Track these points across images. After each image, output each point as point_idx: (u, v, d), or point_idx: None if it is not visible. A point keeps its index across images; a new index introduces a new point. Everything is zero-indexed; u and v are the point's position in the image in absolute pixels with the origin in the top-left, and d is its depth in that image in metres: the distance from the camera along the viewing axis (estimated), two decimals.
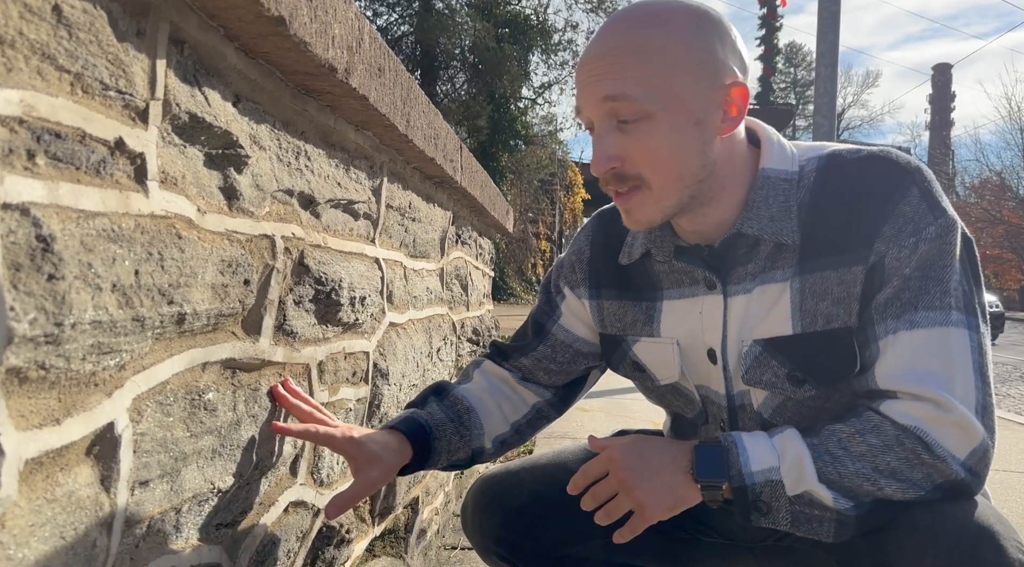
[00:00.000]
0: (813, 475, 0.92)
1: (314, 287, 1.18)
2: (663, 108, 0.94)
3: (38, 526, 0.61)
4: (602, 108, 0.97)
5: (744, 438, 0.96)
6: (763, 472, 0.93)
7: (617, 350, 1.23)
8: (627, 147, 0.96)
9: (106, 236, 0.69)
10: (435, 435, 1.17)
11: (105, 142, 0.70)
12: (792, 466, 0.93)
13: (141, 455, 0.76)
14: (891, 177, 0.99)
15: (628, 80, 0.94)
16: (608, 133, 0.97)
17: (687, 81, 0.95)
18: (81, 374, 0.67)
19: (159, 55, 0.77)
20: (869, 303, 0.98)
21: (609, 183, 1.00)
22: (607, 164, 0.97)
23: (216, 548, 0.96)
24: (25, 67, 0.60)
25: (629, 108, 0.95)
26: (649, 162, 0.97)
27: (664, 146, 0.96)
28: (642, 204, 1.00)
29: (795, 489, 0.93)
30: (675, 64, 0.95)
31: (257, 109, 1.01)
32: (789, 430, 0.96)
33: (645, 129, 0.95)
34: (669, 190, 0.98)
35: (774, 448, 0.94)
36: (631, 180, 0.98)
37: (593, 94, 0.97)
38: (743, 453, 0.94)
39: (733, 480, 0.93)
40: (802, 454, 0.93)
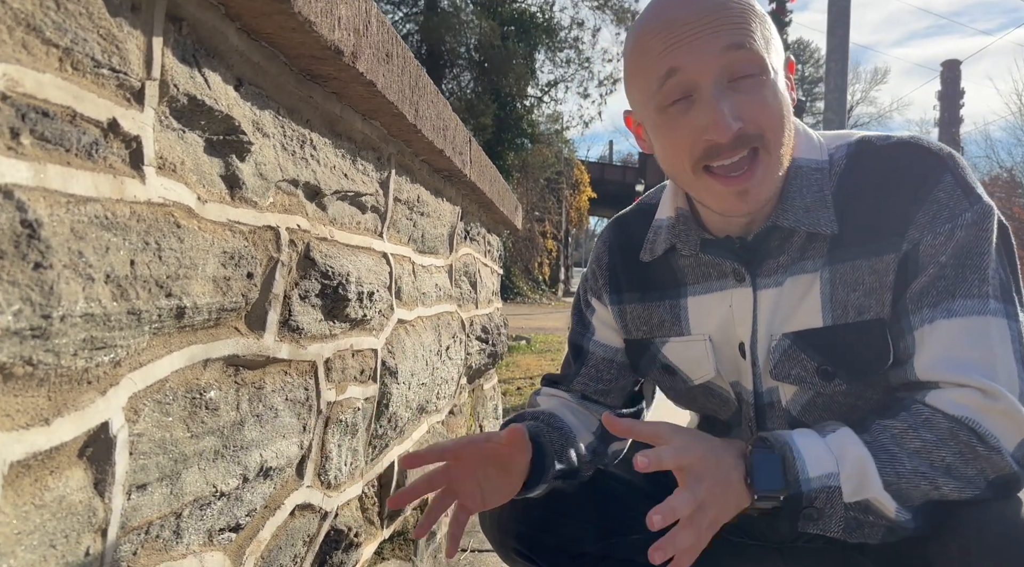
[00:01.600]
0: (878, 482, 0.86)
1: (321, 281, 1.13)
2: (772, 68, 0.91)
3: (25, 534, 0.57)
4: (721, 61, 0.88)
5: (796, 439, 0.89)
6: (820, 478, 0.87)
7: (645, 354, 1.18)
8: (746, 106, 0.88)
9: (98, 223, 0.65)
10: (536, 431, 1.11)
11: (97, 123, 0.66)
12: (853, 472, 0.87)
13: (138, 457, 0.72)
14: (924, 163, 0.95)
15: (750, 32, 0.89)
16: (723, 93, 0.88)
17: (776, 48, 0.93)
18: (72, 370, 0.63)
19: (155, 32, 0.73)
20: (903, 293, 0.94)
21: (722, 152, 0.89)
22: (735, 124, 0.87)
23: (219, 554, 0.91)
24: (8, 39, 0.56)
25: (753, 59, 0.88)
26: (770, 119, 0.90)
27: (780, 104, 0.91)
28: (765, 174, 0.92)
29: (854, 496, 0.87)
30: (768, 29, 0.92)
31: (260, 94, 0.97)
32: (842, 429, 0.91)
33: (761, 85, 0.89)
34: (783, 152, 0.93)
35: (830, 451, 0.88)
36: (752, 140, 0.90)
37: (711, 45, 0.87)
38: (799, 458, 0.88)
39: (789, 487, 0.87)
40: (864, 458, 0.87)
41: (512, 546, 1.18)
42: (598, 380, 1.23)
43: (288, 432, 1.05)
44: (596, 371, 1.22)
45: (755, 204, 0.93)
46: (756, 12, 0.92)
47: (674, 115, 0.92)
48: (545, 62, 18.81)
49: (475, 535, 2.55)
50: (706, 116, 0.88)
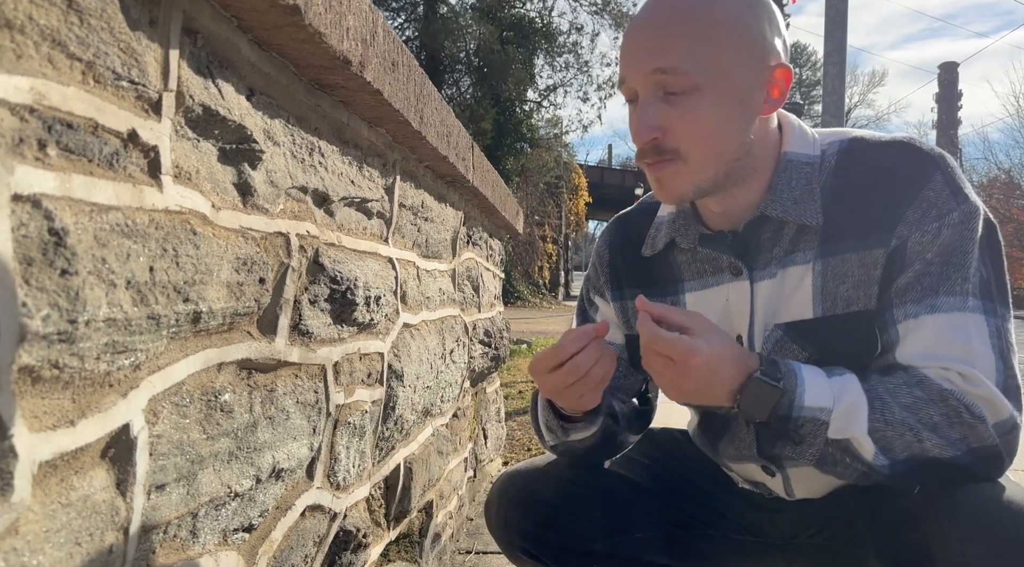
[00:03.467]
0: (864, 426, 0.90)
1: (329, 286, 1.15)
2: (712, 82, 0.94)
3: (52, 532, 0.59)
4: (650, 79, 0.95)
5: (804, 371, 0.93)
6: (812, 409, 0.90)
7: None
8: (671, 118, 0.95)
9: (120, 231, 0.67)
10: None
11: (118, 134, 0.68)
12: (844, 411, 0.90)
13: (157, 458, 0.74)
14: (915, 162, 0.98)
15: (680, 52, 0.93)
16: (652, 103, 0.96)
17: (736, 58, 0.95)
18: (95, 374, 0.65)
19: (172, 45, 0.75)
20: (889, 287, 0.97)
21: (646, 155, 0.99)
22: (649, 134, 0.96)
23: (233, 554, 0.93)
24: (35, 54, 0.58)
25: (679, 81, 0.94)
26: (690, 135, 0.95)
27: (708, 120, 0.95)
28: (674, 176, 0.98)
29: (837, 434, 0.91)
30: (727, 39, 0.95)
31: (271, 103, 0.99)
32: (848, 374, 0.94)
33: (691, 102, 0.94)
34: (706, 165, 0.97)
35: (831, 389, 0.92)
36: (668, 153, 0.97)
37: (642, 65, 0.96)
38: (800, 386, 0.91)
39: (780, 407, 0.91)
40: (859, 402, 0.91)
41: (519, 545, 1.20)
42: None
43: (299, 434, 1.07)
44: None
45: (670, 196, 1.01)
46: (708, 25, 0.94)
47: (630, 112, 1.02)
48: (544, 67, 18.89)
49: (479, 537, 2.57)
50: (635, 122, 0.98)
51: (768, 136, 1.04)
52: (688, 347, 0.89)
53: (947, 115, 33.84)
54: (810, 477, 1.13)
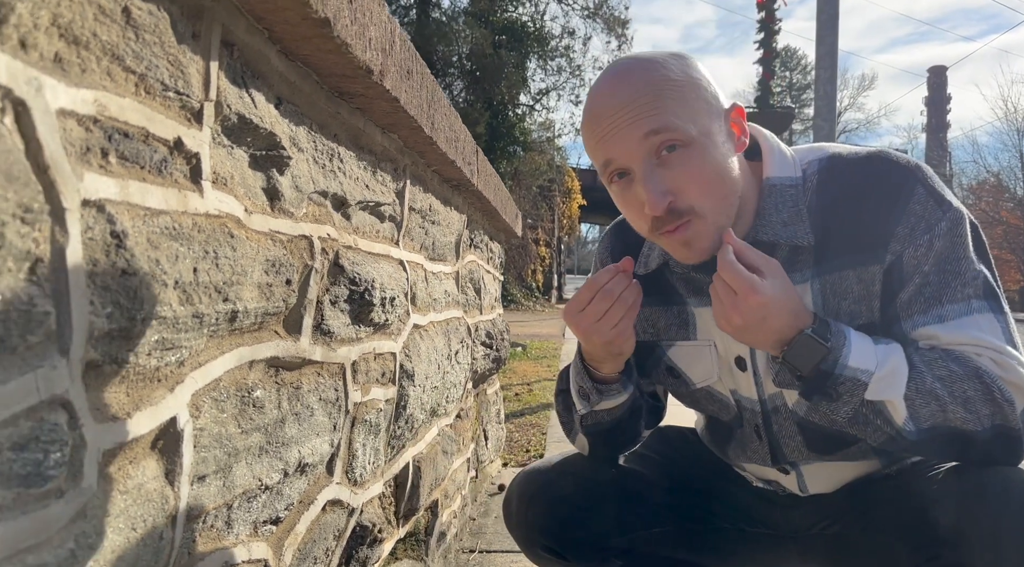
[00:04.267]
0: (901, 391, 0.94)
1: (349, 287, 1.19)
2: (696, 134, 0.97)
3: (113, 517, 0.62)
4: (643, 147, 0.97)
5: (852, 334, 0.97)
6: (854, 369, 0.94)
7: (651, 356, 1.24)
8: (675, 180, 0.97)
9: (168, 234, 0.70)
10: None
11: (166, 142, 0.72)
12: (885, 375, 0.94)
13: (200, 450, 0.78)
14: (895, 177, 1.02)
15: (662, 113, 0.96)
16: (652, 171, 0.97)
17: (703, 109, 0.99)
18: (147, 369, 0.68)
19: (212, 57, 0.79)
20: (892, 301, 1.01)
21: (664, 223, 0.99)
22: (664, 200, 0.96)
23: (263, 545, 0.97)
24: (97, 68, 0.62)
25: (672, 137, 0.96)
26: (699, 188, 0.98)
27: (707, 169, 0.98)
28: (700, 233, 1.00)
29: (875, 396, 0.94)
30: (691, 96, 0.98)
31: (296, 111, 1.03)
32: (894, 344, 0.98)
33: (687, 157, 0.97)
34: (720, 213, 1.00)
35: (875, 354, 0.96)
36: (685, 214, 0.99)
37: (631, 135, 0.97)
38: (847, 346, 0.95)
39: (825, 363, 0.94)
40: (900, 370, 0.95)
41: (540, 543, 1.23)
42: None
43: (321, 430, 1.11)
44: None
45: (701, 253, 1.02)
46: (673, 86, 0.98)
47: (619, 190, 1.03)
48: (537, 70, 18.95)
49: (482, 536, 2.60)
50: (642, 195, 0.99)
51: (744, 167, 1.07)
52: (751, 285, 0.93)
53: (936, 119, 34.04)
54: (824, 473, 1.17)
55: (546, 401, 5.57)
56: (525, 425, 4.70)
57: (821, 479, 1.18)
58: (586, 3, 18.88)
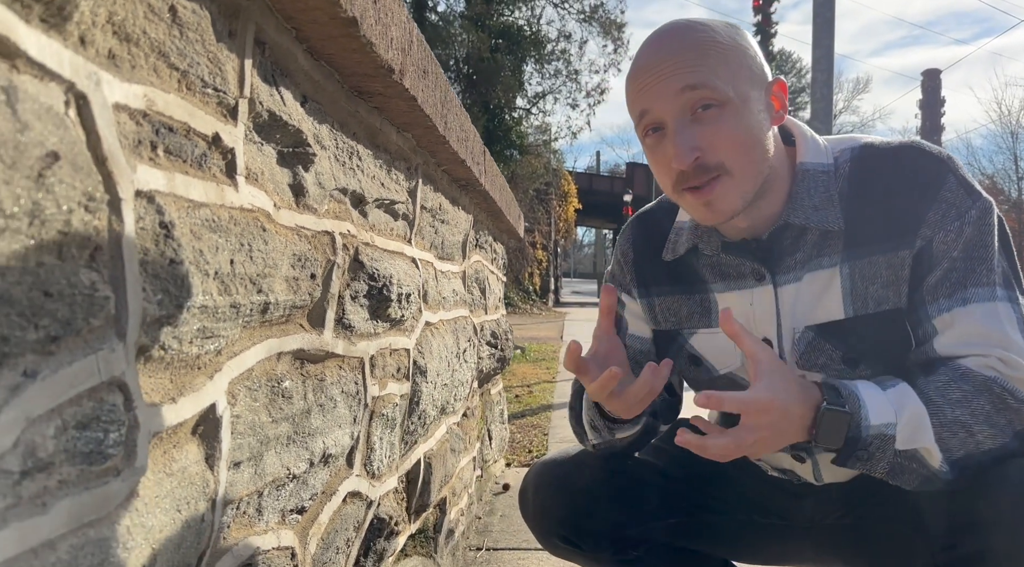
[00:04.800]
0: (930, 435, 0.95)
1: (368, 283, 1.21)
2: (734, 96, 0.99)
3: (160, 498, 0.65)
4: (679, 101, 0.99)
5: (861, 390, 0.98)
6: (879, 427, 0.95)
7: (672, 344, 1.26)
8: (707, 136, 1.00)
9: (208, 226, 0.73)
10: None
11: (205, 137, 0.74)
12: (908, 422, 0.96)
13: (236, 437, 0.80)
14: (928, 166, 1.05)
15: (703, 70, 0.99)
16: (686, 126, 1.00)
17: (745, 76, 1.01)
18: (189, 356, 0.71)
19: (247, 55, 0.81)
20: (919, 285, 1.03)
21: (689, 178, 1.02)
22: (692, 154, 0.99)
23: (290, 533, 0.99)
24: (145, 64, 0.64)
25: (708, 95, 0.98)
26: (730, 147, 1.00)
27: (741, 130, 1.00)
28: (725, 193, 1.02)
29: (906, 445, 0.96)
30: (735, 60, 1.01)
31: (320, 110, 1.05)
32: (902, 384, 0.99)
33: (721, 116, 0.99)
34: (749, 175, 1.02)
35: (890, 402, 0.97)
36: (713, 170, 1.01)
37: (669, 88, 0.99)
38: (863, 407, 0.96)
39: (849, 431, 0.95)
40: (920, 412, 0.96)
41: (556, 532, 1.25)
42: (640, 368, 1.29)
43: (343, 422, 1.13)
44: (636, 362, 1.29)
45: (722, 214, 1.04)
46: (718, 48, 1.00)
47: (652, 144, 1.05)
48: (533, 74, 19.00)
49: (489, 534, 2.62)
50: (671, 148, 1.01)
51: (778, 148, 1.09)
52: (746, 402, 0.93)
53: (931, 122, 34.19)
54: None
55: (546, 402, 5.60)
56: (526, 426, 4.72)
57: (836, 468, 1.20)
58: (582, 7, 18.96)
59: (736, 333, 0.97)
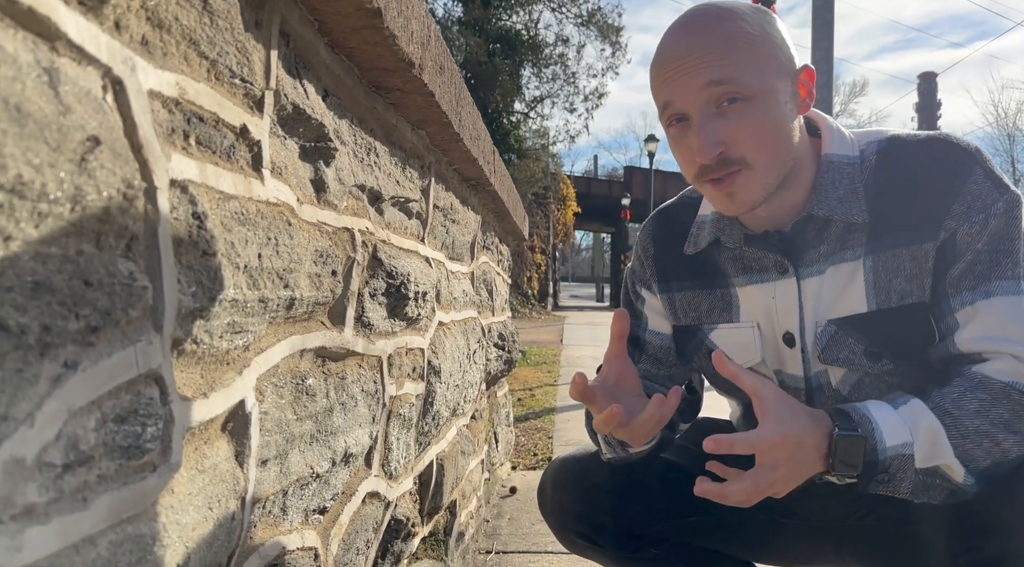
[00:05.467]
0: (949, 450, 0.94)
1: (386, 280, 1.20)
2: (759, 89, 0.98)
3: (193, 495, 0.63)
4: (703, 95, 0.98)
5: (874, 412, 0.97)
6: (895, 447, 0.95)
7: (692, 340, 1.25)
8: (730, 131, 0.99)
9: (237, 219, 0.71)
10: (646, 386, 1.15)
11: (233, 129, 0.73)
12: (925, 440, 0.95)
13: (264, 434, 0.78)
14: (955, 157, 1.04)
15: (728, 64, 0.97)
16: (710, 120, 0.99)
17: (772, 66, 1.00)
18: (219, 351, 0.69)
19: (272, 46, 0.80)
20: (943, 277, 1.02)
21: (711, 171, 1.01)
22: (715, 149, 0.98)
23: (312, 533, 0.98)
24: (176, 52, 0.63)
25: (732, 90, 0.97)
26: (753, 142, 0.99)
27: (765, 125, 0.99)
28: (746, 185, 1.01)
29: (926, 463, 0.95)
30: (761, 50, 0.99)
31: (340, 104, 1.04)
32: (913, 400, 0.98)
33: (746, 110, 0.98)
34: (771, 169, 1.01)
35: (904, 421, 0.96)
36: (735, 164, 1.00)
37: (693, 82, 0.98)
38: (877, 429, 0.95)
39: (867, 455, 0.94)
40: (936, 428, 0.94)
41: (574, 528, 1.24)
42: (661, 364, 1.28)
43: (363, 422, 1.12)
44: (656, 358, 1.29)
45: (743, 206, 1.03)
46: (746, 39, 0.99)
47: (676, 135, 1.04)
48: (531, 78, 19.02)
49: (498, 537, 2.61)
50: (694, 142, 1.00)
51: (803, 139, 1.08)
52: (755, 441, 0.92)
53: (927, 124, 34.23)
54: None
55: (549, 405, 5.58)
56: (530, 429, 4.71)
57: None
58: (580, 11, 18.99)
59: (734, 374, 0.95)
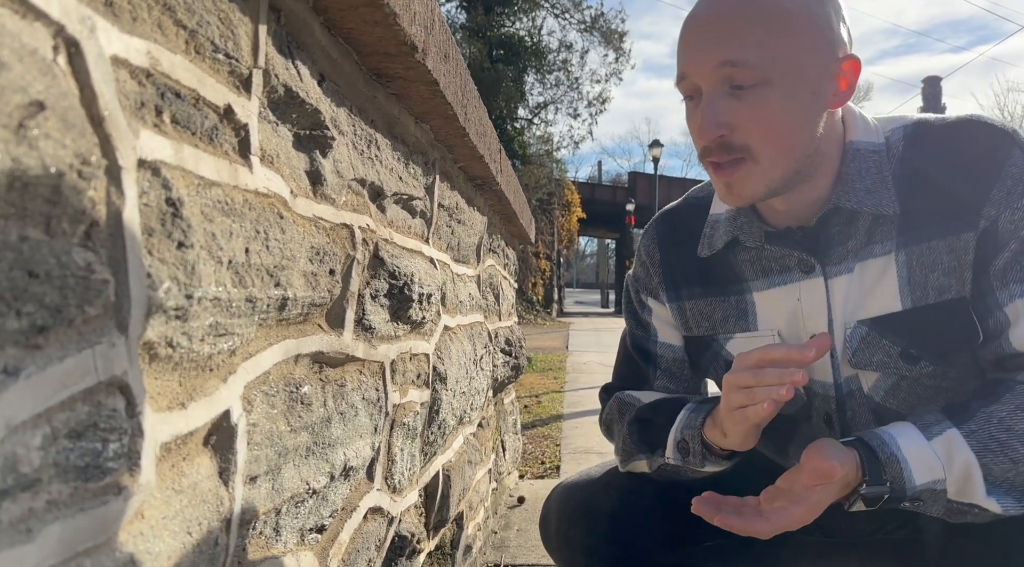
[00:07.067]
0: (982, 489, 0.87)
1: (388, 281, 1.13)
2: (782, 75, 0.89)
3: (169, 519, 0.56)
4: (717, 73, 0.90)
5: (902, 445, 0.90)
6: (926, 484, 0.88)
7: (707, 351, 1.15)
8: (739, 114, 0.90)
9: (220, 208, 0.64)
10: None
11: (216, 108, 0.65)
12: (959, 477, 0.88)
13: (252, 448, 0.71)
14: (990, 140, 0.95)
15: (750, 44, 0.88)
16: (720, 98, 0.91)
17: (807, 49, 0.90)
18: (200, 356, 0.62)
19: (261, 20, 0.73)
20: (986, 269, 0.94)
21: (712, 153, 0.93)
22: (716, 131, 0.91)
23: (310, 554, 0.90)
24: (147, 18, 0.55)
25: (748, 74, 0.89)
26: (761, 132, 0.91)
27: (779, 115, 0.90)
28: (746, 178, 0.93)
29: (959, 497, 0.88)
30: (797, 30, 0.90)
31: (337, 91, 0.96)
32: (949, 431, 0.90)
33: (761, 96, 0.89)
34: (777, 163, 0.92)
35: (936, 456, 0.89)
36: (737, 151, 0.92)
37: (708, 58, 0.90)
38: (905, 467, 0.88)
39: (894, 492, 0.88)
40: (970, 463, 0.87)
41: (583, 563, 1.14)
42: (677, 379, 1.19)
43: (364, 432, 1.04)
44: (671, 372, 1.19)
45: (739, 199, 0.96)
46: (780, 17, 0.89)
47: (689, 108, 0.97)
48: (535, 84, 19.01)
49: (506, 549, 2.53)
50: (698, 119, 0.93)
51: (834, 129, 0.99)
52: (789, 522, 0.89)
53: None
54: None
55: (556, 412, 5.50)
56: (537, 437, 4.63)
57: None
58: (583, 17, 18.96)
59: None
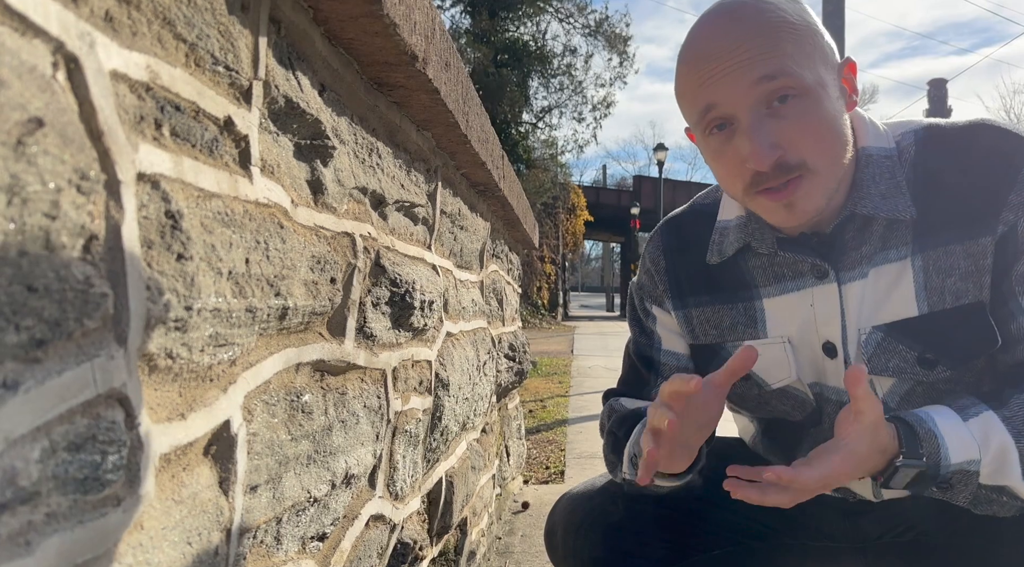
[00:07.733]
0: (1017, 472, 0.86)
1: (390, 289, 1.13)
2: (812, 83, 0.88)
3: (168, 529, 0.56)
4: (754, 93, 0.87)
5: (939, 423, 0.88)
6: (960, 464, 0.87)
7: (715, 359, 1.13)
8: (787, 131, 0.88)
9: (220, 219, 0.65)
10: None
11: (216, 120, 0.66)
12: (994, 458, 0.87)
13: (253, 457, 0.71)
14: (1006, 144, 0.94)
15: (778, 55, 0.87)
16: (762, 121, 0.88)
17: (819, 58, 0.90)
18: (199, 367, 0.62)
19: (261, 32, 0.73)
20: (1006, 275, 0.93)
21: (767, 179, 0.90)
22: (773, 153, 0.87)
23: (311, 562, 0.90)
24: (148, 32, 0.56)
25: (788, 83, 0.87)
26: (813, 143, 0.89)
27: (823, 122, 0.89)
28: (809, 192, 0.91)
29: (991, 480, 0.87)
30: (808, 42, 0.90)
31: (338, 101, 0.97)
32: (986, 413, 0.89)
33: (802, 107, 0.88)
34: (833, 170, 0.92)
35: (973, 437, 0.88)
36: (795, 169, 0.89)
37: (742, 79, 0.87)
38: (942, 443, 0.87)
39: (930, 469, 0.87)
40: (1007, 445, 0.86)
41: None
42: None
43: (365, 440, 1.04)
44: None
45: (804, 215, 0.93)
46: (791, 30, 0.89)
47: (718, 143, 0.93)
48: (539, 88, 19.02)
49: (510, 555, 2.52)
50: (746, 147, 0.89)
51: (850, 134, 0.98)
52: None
53: None
54: None
55: (561, 417, 5.50)
56: (542, 442, 4.62)
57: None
58: (587, 21, 18.97)
59: (866, 393, 0.85)
